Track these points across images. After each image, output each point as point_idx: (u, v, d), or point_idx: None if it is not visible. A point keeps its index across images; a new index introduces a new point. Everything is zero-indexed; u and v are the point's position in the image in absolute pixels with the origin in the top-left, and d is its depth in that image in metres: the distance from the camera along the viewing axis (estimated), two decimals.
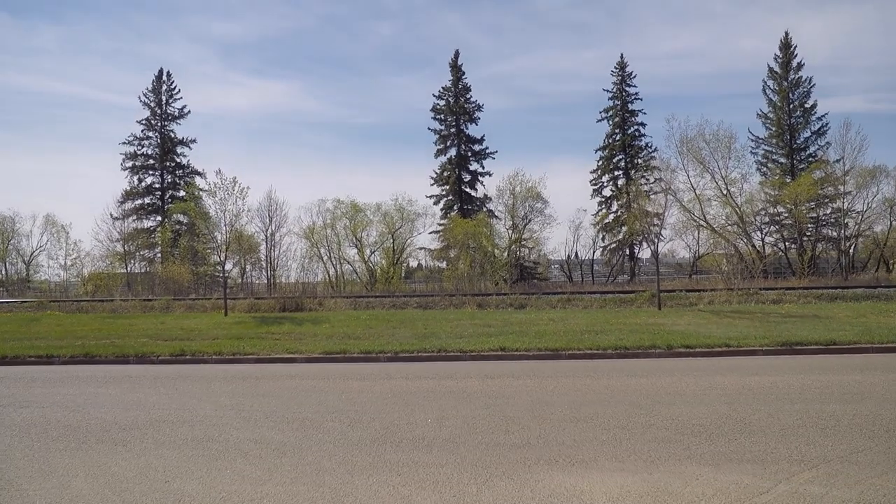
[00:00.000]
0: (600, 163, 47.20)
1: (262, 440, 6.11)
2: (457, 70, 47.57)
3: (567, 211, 71.38)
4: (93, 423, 6.93)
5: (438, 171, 47.39)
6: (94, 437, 6.33)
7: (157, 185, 49.39)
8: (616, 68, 46.89)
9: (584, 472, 4.97)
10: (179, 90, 50.96)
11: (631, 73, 46.77)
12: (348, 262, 43.34)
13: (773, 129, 43.13)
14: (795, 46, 42.51)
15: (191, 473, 5.15)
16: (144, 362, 12.29)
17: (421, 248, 45.83)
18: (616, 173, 46.84)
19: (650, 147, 46.00)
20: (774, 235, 41.35)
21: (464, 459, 5.36)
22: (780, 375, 9.06)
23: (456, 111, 47.18)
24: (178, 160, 49.69)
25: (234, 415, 7.24)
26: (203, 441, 6.13)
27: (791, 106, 42.45)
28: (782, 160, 43.18)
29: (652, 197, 37.43)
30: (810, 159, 41.59)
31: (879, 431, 5.89)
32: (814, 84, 42.17)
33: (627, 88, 46.70)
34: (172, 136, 49.54)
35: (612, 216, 46.21)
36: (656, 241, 26.85)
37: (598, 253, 46.87)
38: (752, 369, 9.71)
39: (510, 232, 42.02)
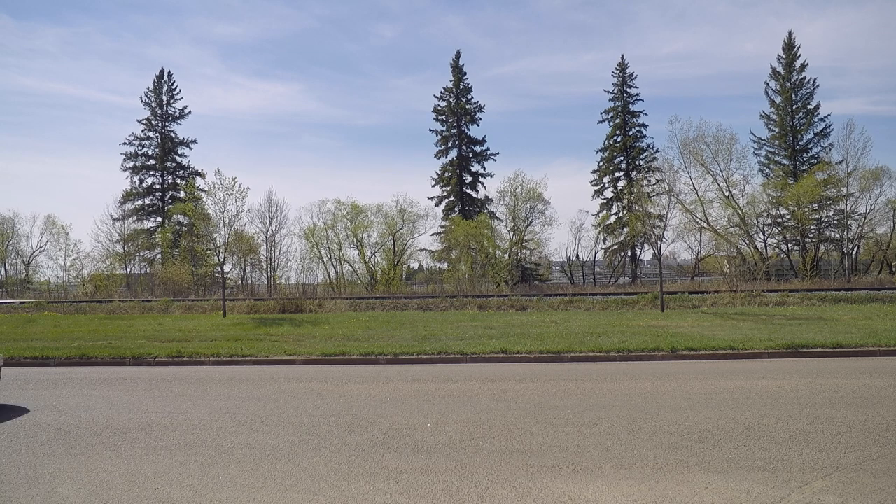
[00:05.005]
0: (601, 164, 47.04)
1: (257, 445, 5.94)
2: (458, 71, 47.45)
3: (568, 212, 71.29)
4: (84, 428, 6.76)
5: (440, 173, 47.27)
6: (84, 442, 6.16)
7: (157, 186, 49.32)
8: (617, 70, 46.79)
9: (588, 480, 4.79)
10: (180, 90, 51.09)
11: (632, 75, 46.66)
12: (349, 264, 43.20)
13: (776, 130, 42.97)
14: (799, 47, 42.42)
15: (182, 480, 4.98)
16: (141, 364, 12.13)
17: (422, 250, 45.72)
18: (617, 175, 46.65)
19: (651, 148, 45.90)
20: (777, 237, 41.18)
21: (464, 466, 5.18)
22: (787, 379, 8.87)
23: (457, 112, 47.04)
24: (178, 160, 49.65)
25: (229, 419, 7.07)
26: (196, 446, 5.96)
27: (794, 107, 42.28)
28: (785, 161, 43.00)
29: (654, 198, 37.26)
30: (813, 161, 41.39)
31: (893, 438, 5.71)
32: (817, 85, 42.06)
33: (628, 90, 46.56)
34: (173, 136, 49.50)
35: (613, 217, 46.04)
36: (659, 242, 26.62)
37: (599, 254, 46.74)
38: (757, 372, 9.53)
39: (511, 233, 41.88)
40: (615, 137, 46.49)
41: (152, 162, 49.25)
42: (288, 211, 59.57)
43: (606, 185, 46.87)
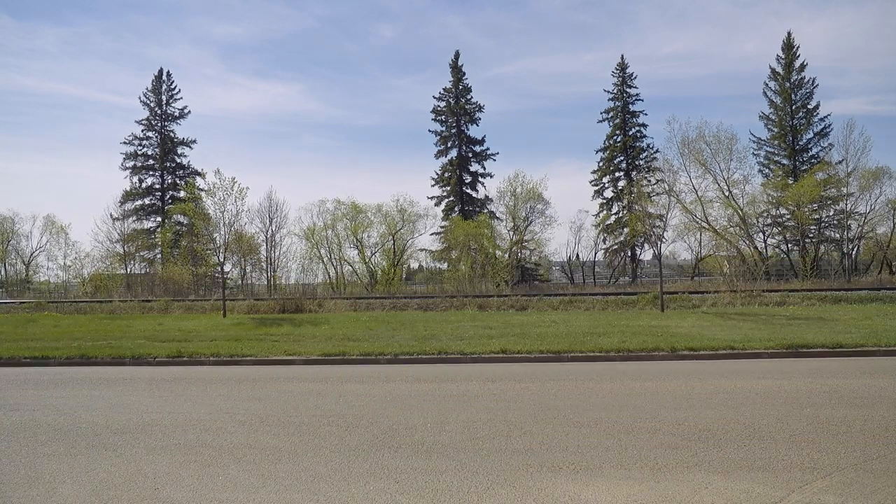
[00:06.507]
0: (601, 164, 47.05)
1: (257, 445, 5.94)
2: (457, 71, 47.44)
3: (568, 212, 71.45)
4: (83, 428, 6.76)
5: (439, 173, 47.27)
6: (84, 442, 6.16)
7: (157, 186, 49.30)
8: (617, 70, 46.79)
9: (588, 480, 4.79)
10: (179, 90, 51.04)
11: (632, 75, 46.67)
12: (349, 264, 43.21)
13: (775, 130, 42.96)
14: (798, 47, 42.39)
15: (182, 480, 4.98)
16: (141, 364, 12.12)
17: (422, 250, 45.72)
18: (617, 175, 46.66)
19: (651, 148, 45.95)
20: (777, 237, 41.18)
21: (464, 466, 5.18)
22: (787, 379, 8.88)
23: (457, 112, 47.04)
24: (178, 160, 49.63)
25: (229, 419, 7.07)
26: (196, 446, 5.96)
27: (793, 107, 42.26)
28: (784, 161, 43.00)
29: (654, 198, 37.27)
30: (813, 161, 41.38)
31: (893, 438, 5.71)
32: (816, 85, 42.04)
33: (628, 90, 46.57)
34: (173, 136, 49.47)
35: (613, 217, 46.05)
36: (659, 242, 26.61)
37: (599, 254, 46.74)
38: (757, 372, 9.53)
39: (511, 233, 41.87)
40: (615, 137, 46.50)
41: (152, 162, 49.23)
42: (288, 211, 59.66)
43: (606, 185, 46.89)
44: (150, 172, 49.32)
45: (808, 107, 42.12)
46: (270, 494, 4.64)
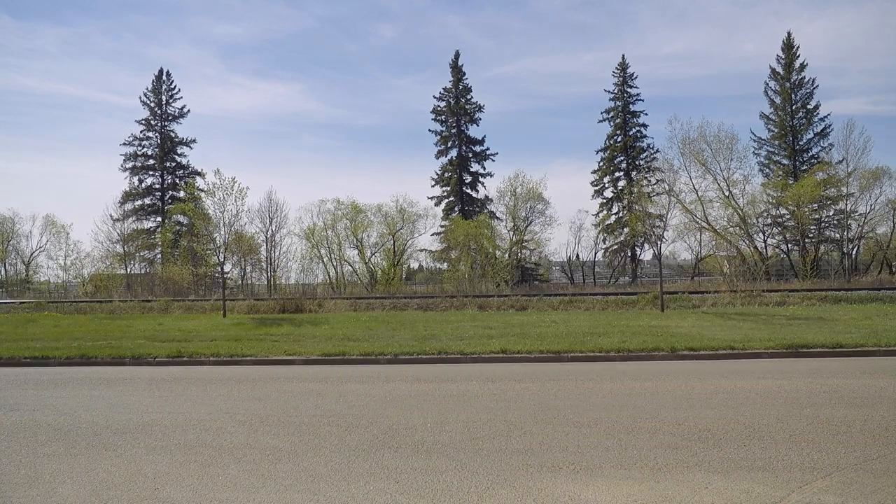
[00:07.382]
0: (601, 164, 47.04)
1: (257, 445, 5.94)
2: (457, 71, 47.44)
3: (568, 212, 71.41)
4: (83, 428, 6.76)
5: (439, 173, 47.27)
6: (84, 442, 6.16)
7: (157, 186, 49.29)
8: (617, 70, 46.79)
9: (588, 480, 4.79)
10: (179, 90, 51.03)
11: (632, 75, 46.66)
12: (349, 264, 43.21)
13: (776, 130, 42.96)
14: (798, 47, 42.40)
15: (182, 480, 4.98)
16: (141, 364, 12.12)
17: (422, 250, 45.71)
18: (617, 175, 46.65)
19: (652, 148, 45.93)
20: (777, 237, 41.15)
21: (464, 466, 5.18)
22: (787, 379, 8.87)
23: (457, 112, 47.04)
24: (178, 160, 49.62)
25: (229, 419, 7.07)
26: (196, 446, 5.96)
27: (793, 107, 42.26)
28: (785, 161, 42.99)
29: (654, 198, 37.25)
30: (813, 161, 41.37)
31: (893, 438, 5.71)
32: (817, 85, 42.05)
33: (629, 90, 46.56)
34: (172, 136, 49.46)
35: (613, 217, 46.05)
36: (659, 242, 26.60)
37: (599, 254, 46.74)
38: (757, 372, 9.53)
39: (511, 233, 41.86)
40: (615, 137, 46.49)
41: (152, 162, 49.21)
42: (288, 211, 59.77)
43: (606, 185, 46.88)
44: (150, 172, 49.31)
45: (809, 107, 42.13)
46: (270, 494, 4.64)
